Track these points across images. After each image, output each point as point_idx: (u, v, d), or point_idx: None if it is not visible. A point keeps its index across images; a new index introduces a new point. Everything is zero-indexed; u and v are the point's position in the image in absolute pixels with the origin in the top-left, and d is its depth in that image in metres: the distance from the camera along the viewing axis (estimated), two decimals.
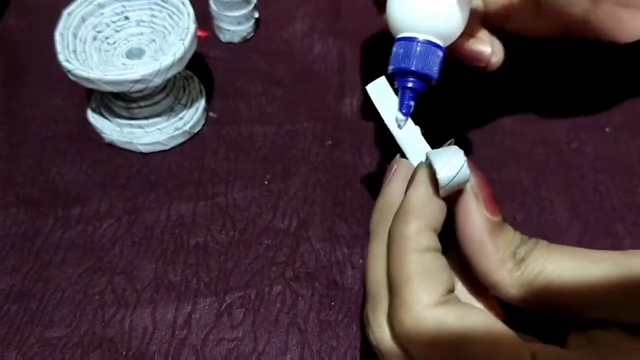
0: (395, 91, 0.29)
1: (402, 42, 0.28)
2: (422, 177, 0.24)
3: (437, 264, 0.23)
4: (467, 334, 0.21)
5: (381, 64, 0.45)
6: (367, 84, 0.30)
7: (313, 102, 0.43)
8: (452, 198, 0.24)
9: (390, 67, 0.29)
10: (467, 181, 0.24)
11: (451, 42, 0.29)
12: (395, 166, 0.27)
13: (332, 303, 0.34)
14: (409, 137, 0.28)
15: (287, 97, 0.43)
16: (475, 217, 0.23)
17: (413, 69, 0.28)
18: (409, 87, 0.28)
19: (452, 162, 0.23)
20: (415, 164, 0.27)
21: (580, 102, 0.42)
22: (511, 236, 0.23)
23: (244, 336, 0.33)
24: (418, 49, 0.27)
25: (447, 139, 0.27)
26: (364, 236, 0.36)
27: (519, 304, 0.23)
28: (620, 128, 0.41)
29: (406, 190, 0.25)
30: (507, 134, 0.41)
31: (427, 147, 0.28)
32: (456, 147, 0.25)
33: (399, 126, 0.28)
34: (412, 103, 0.28)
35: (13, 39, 0.47)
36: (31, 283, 0.35)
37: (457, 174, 0.23)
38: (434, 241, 0.24)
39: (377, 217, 0.26)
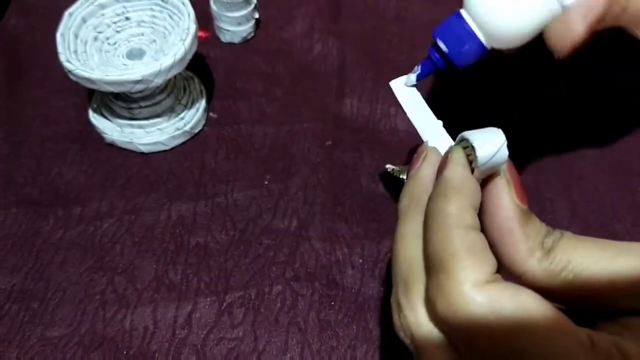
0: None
1: (460, 19, 0.28)
2: (459, 156, 0.24)
3: (483, 242, 0.22)
4: (523, 316, 0.20)
5: (381, 63, 0.45)
6: (367, 84, 0.30)
7: (313, 102, 0.43)
8: (481, 183, 0.24)
9: (435, 31, 0.29)
10: (504, 162, 0.23)
11: (507, 47, 0.29)
12: (425, 152, 0.26)
13: (332, 303, 0.34)
14: (433, 130, 0.28)
15: (287, 97, 0.43)
16: (507, 203, 0.22)
17: (445, 49, 0.29)
18: (432, 60, 0.30)
19: (492, 141, 0.23)
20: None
21: (581, 102, 0.42)
22: (539, 225, 0.23)
23: (244, 336, 0.33)
24: (463, 36, 0.28)
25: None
26: (363, 236, 0.36)
27: (546, 295, 0.22)
28: (621, 128, 0.41)
29: (438, 174, 0.24)
30: (508, 133, 0.41)
31: (450, 140, 0.28)
32: (495, 128, 0.24)
33: (405, 84, 0.30)
34: (427, 71, 0.30)
35: (13, 39, 0.47)
36: (32, 283, 0.35)
37: (496, 152, 0.23)
38: (476, 220, 0.23)
39: (407, 200, 0.25)
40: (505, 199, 0.23)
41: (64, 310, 0.34)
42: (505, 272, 0.23)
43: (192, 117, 0.41)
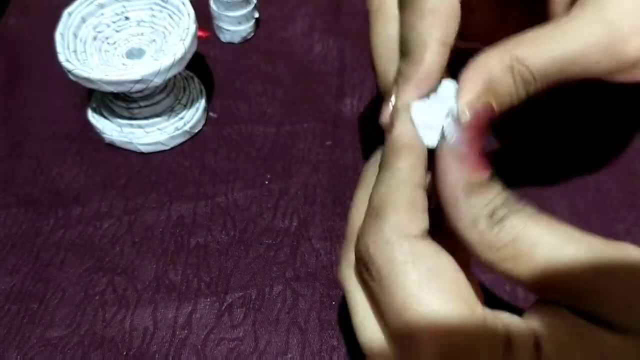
0: None
1: None
2: (407, 115, 0.24)
3: (424, 203, 0.22)
4: (439, 267, 0.20)
5: None
6: (367, 84, 0.30)
7: (313, 102, 0.43)
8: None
9: None
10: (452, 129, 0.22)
11: None
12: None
13: (333, 302, 0.34)
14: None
15: (287, 97, 0.43)
16: (452, 170, 0.22)
17: None
18: None
19: (436, 112, 0.23)
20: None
21: (582, 102, 0.42)
22: (492, 196, 0.22)
23: (244, 336, 0.33)
24: None
25: None
26: None
27: (489, 268, 0.22)
28: (622, 128, 0.41)
29: (386, 132, 0.24)
30: (509, 133, 0.41)
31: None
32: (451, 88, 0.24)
33: None
34: None
35: (13, 39, 0.47)
36: (32, 283, 0.35)
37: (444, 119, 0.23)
38: (424, 179, 0.23)
39: (367, 165, 0.26)
40: (451, 166, 0.22)
41: (63, 311, 0.34)
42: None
43: (191, 117, 0.41)
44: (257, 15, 0.46)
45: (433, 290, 0.20)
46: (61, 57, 0.36)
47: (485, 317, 0.20)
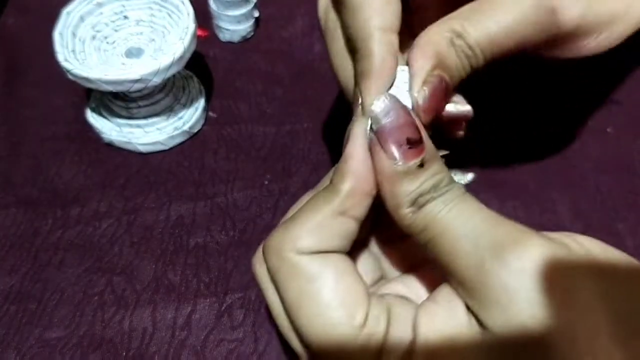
0: None
1: None
2: (357, 134, 0.24)
3: (341, 230, 0.23)
4: (315, 282, 0.22)
5: None
6: None
7: (313, 102, 0.43)
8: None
9: None
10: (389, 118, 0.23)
11: None
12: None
13: None
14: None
15: (287, 97, 0.43)
16: (378, 164, 0.22)
17: None
18: None
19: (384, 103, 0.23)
20: None
21: (582, 103, 0.42)
22: (418, 182, 0.22)
23: (244, 337, 0.33)
24: None
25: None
26: None
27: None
28: (622, 129, 0.41)
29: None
30: (509, 133, 0.41)
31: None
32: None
33: None
34: None
35: (11, 39, 0.47)
36: (30, 283, 0.34)
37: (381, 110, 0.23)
38: (357, 210, 0.23)
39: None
40: (378, 159, 0.22)
41: (62, 312, 0.33)
42: None
43: (191, 117, 0.41)
44: (256, 14, 0.46)
45: (308, 305, 0.22)
46: (60, 57, 0.36)
47: (365, 323, 0.22)
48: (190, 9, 0.38)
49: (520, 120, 0.41)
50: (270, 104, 0.43)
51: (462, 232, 0.21)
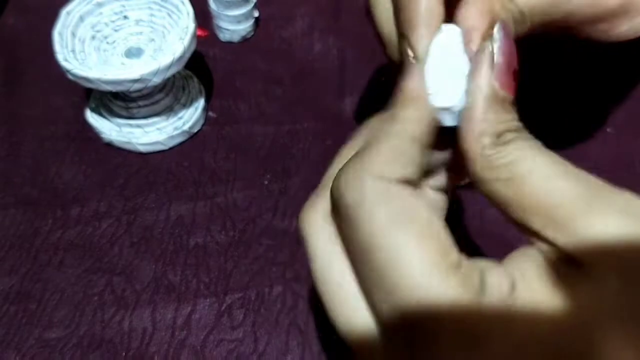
0: None
1: None
2: (416, 68, 0.23)
3: (413, 152, 0.21)
4: (401, 221, 0.19)
5: (381, 62, 0.45)
6: (366, 84, 0.29)
7: (313, 102, 0.43)
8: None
9: None
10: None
11: None
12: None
13: None
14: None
15: (287, 97, 0.43)
16: (480, 78, 0.22)
17: None
18: None
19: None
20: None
21: (582, 102, 0.42)
22: (509, 117, 0.22)
23: (244, 337, 0.33)
24: None
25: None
26: None
27: (479, 186, 0.21)
28: (622, 129, 0.41)
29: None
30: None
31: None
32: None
33: None
34: None
35: (11, 39, 0.47)
36: (30, 284, 0.34)
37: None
38: (421, 134, 0.22)
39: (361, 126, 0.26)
40: (482, 75, 0.22)
41: (62, 312, 0.33)
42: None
43: (191, 117, 0.41)
44: (256, 14, 0.46)
45: (401, 229, 0.19)
46: (59, 57, 0.36)
47: (460, 263, 0.19)
48: (190, 9, 0.38)
49: (520, 119, 0.41)
50: (270, 104, 0.43)
51: (554, 173, 0.20)
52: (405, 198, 0.20)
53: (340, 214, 0.20)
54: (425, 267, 0.18)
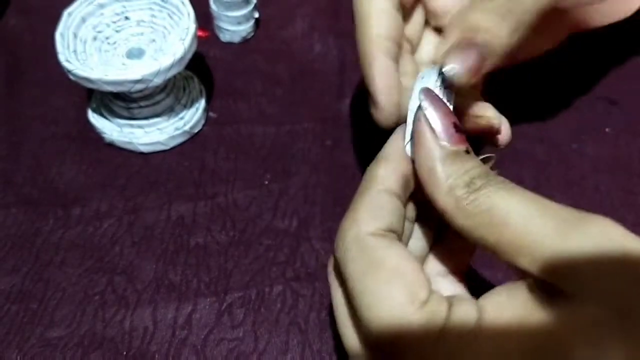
0: None
1: None
2: (399, 131, 0.26)
3: (389, 205, 0.24)
4: (379, 262, 0.22)
5: None
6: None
7: (313, 102, 0.43)
8: None
9: None
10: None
11: None
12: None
13: None
14: None
15: (287, 97, 0.43)
16: (428, 143, 0.23)
17: None
18: None
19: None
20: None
21: (581, 102, 0.42)
22: (470, 165, 0.23)
23: (244, 336, 0.33)
24: None
25: None
26: None
27: (463, 235, 0.23)
28: (621, 129, 0.41)
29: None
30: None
31: None
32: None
33: None
34: None
35: (13, 39, 0.47)
36: (31, 283, 0.35)
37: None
38: (398, 187, 0.24)
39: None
40: (426, 140, 0.23)
41: (63, 311, 0.34)
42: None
43: (191, 117, 0.41)
44: (257, 15, 0.46)
45: (370, 278, 0.22)
46: (61, 57, 0.36)
47: (428, 299, 0.21)
48: (190, 10, 0.38)
49: (518, 120, 0.41)
50: (270, 104, 0.43)
51: (530, 212, 0.21)
52: (377, 250, 0.22)
53: (336, 265, 0.24)
54: (394, 306, 0.21)
